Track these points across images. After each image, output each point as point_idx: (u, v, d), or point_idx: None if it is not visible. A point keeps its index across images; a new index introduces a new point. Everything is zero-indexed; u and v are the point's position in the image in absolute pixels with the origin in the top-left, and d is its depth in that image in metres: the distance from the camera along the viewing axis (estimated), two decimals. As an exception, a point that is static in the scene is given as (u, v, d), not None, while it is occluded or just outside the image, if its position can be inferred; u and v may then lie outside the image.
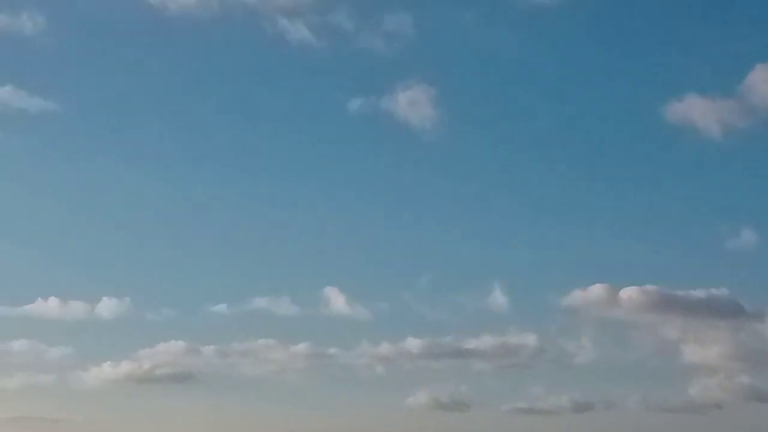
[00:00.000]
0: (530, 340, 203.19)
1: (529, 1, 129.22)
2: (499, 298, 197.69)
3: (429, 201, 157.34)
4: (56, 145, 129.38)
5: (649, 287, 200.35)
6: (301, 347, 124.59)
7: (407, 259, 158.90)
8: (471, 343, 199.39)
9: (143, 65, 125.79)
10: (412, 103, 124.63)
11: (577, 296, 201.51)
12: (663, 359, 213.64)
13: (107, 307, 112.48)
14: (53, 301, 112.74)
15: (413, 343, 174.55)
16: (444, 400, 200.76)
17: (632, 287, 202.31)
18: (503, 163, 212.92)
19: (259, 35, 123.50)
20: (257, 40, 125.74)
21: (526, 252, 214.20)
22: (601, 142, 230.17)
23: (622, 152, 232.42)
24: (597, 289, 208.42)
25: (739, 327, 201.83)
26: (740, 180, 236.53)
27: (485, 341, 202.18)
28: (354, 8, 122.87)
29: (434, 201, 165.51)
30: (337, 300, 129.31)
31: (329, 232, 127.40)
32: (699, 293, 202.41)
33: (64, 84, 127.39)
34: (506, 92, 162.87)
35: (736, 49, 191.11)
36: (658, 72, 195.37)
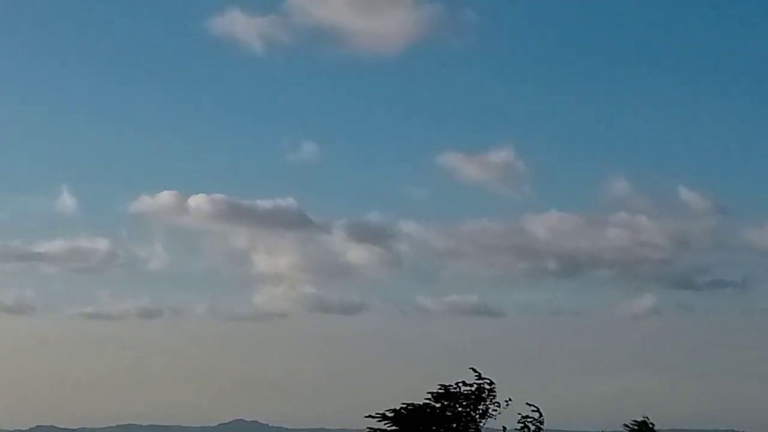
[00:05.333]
0: (102, 244, 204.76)
1: None
2: (68, 201, 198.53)
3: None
4: None
5: (218, 196, 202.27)
6: None
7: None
8: (41, 247, 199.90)
9: None
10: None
11: (146, 202, 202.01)
12: (231, 268, 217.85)
13: None
14: None
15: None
16: (8, 303, 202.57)
17: (201, 195, 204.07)
18: (71, 69, 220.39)
19: None
20: None
21: (94, 155, 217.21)
22: (150, 50, 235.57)
23: (171, 64, 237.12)
24: (165, 196, 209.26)
25: (306, 238, 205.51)
26: (288, 94, 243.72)
27: (56, 245, 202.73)
28: None
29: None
30: None
31: None
32: (266, 204, 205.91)
33: None
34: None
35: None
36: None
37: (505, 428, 29.28)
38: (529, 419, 29.21)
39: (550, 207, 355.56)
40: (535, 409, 29.25)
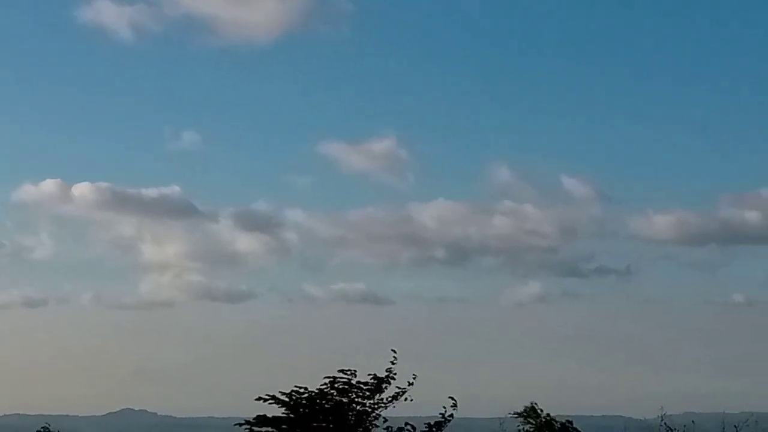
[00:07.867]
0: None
1: None
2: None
3: None
4: None
5: (102, 184, 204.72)
6: None
7: None
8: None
9: None
10: None
11: (29, 191, 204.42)
12: (117, 257, 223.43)
13: None
14: None
15: None
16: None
17: (85, 183, 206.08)
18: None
19: None
20: None
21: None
22: (21, 40, 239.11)
23: (44, 54, 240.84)
24: (49, 185, 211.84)
25: (193, 226, 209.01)
26: (164, 83, 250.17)
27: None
28: None
29: None
30: None
31: None
32: (151, 192, 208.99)
33: None
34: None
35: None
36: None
37: (407, 424, 28.71)
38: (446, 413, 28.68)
39: (435, 196, 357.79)
40: (454, 403, 28.61)
